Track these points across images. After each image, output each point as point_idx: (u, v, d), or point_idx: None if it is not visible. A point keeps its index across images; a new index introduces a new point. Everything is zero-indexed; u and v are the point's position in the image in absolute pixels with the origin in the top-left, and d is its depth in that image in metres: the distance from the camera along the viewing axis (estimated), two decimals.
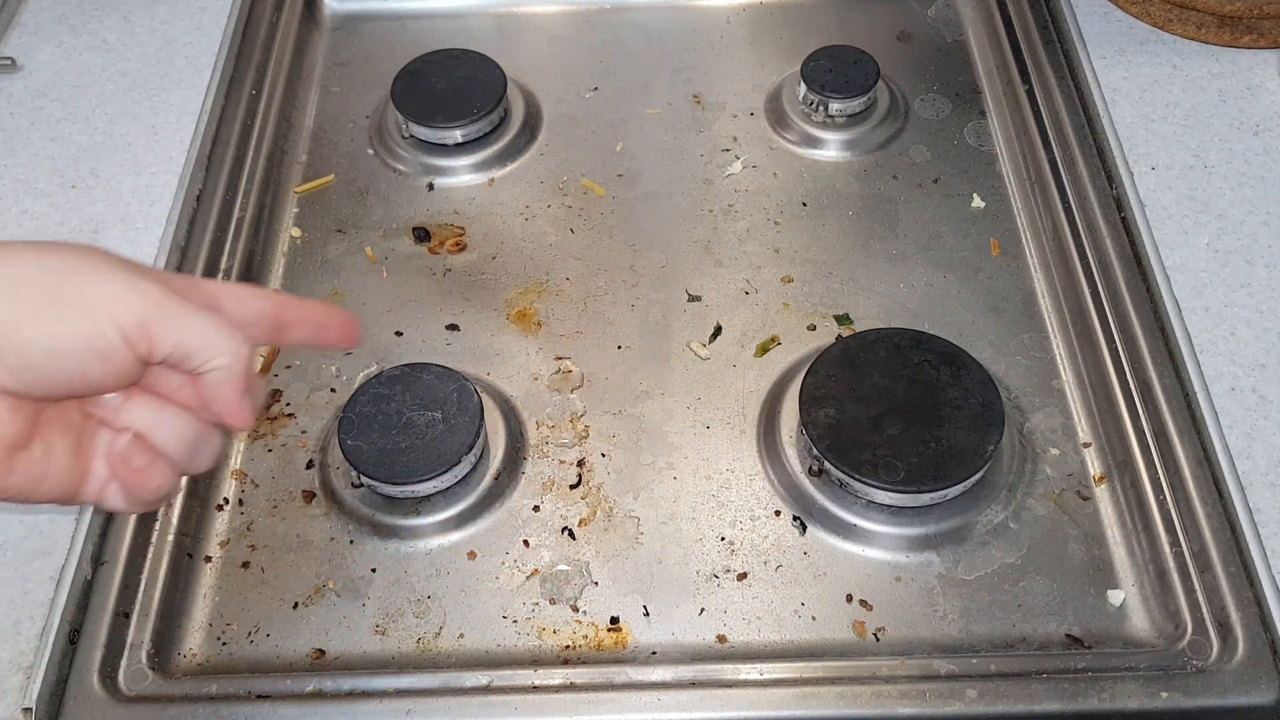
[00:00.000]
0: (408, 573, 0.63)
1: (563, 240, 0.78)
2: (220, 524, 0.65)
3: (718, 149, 0.84)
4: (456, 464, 0.63)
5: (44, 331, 0.37)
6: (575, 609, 0.61)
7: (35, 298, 0.37)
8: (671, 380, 0.71)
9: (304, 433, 0.69)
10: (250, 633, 0.61)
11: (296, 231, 0.79)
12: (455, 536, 0.64)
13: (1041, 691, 0.56)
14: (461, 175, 0.83)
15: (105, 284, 0.38)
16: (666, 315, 0.74)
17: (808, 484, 0.64)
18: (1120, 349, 0.68)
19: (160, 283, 0.40)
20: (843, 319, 0.73)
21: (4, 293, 0.37)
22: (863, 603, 0.61)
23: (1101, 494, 0.65)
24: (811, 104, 0.83)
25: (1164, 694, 0.55)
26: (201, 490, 0.66)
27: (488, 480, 0.66)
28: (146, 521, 0.63)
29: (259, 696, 0.57)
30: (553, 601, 0.62)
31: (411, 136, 0.83)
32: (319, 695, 0.57)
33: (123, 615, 0.60)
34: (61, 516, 0.62)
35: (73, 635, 0.58)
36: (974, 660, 0.58)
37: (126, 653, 0.59)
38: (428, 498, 0.64)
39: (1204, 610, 0.58)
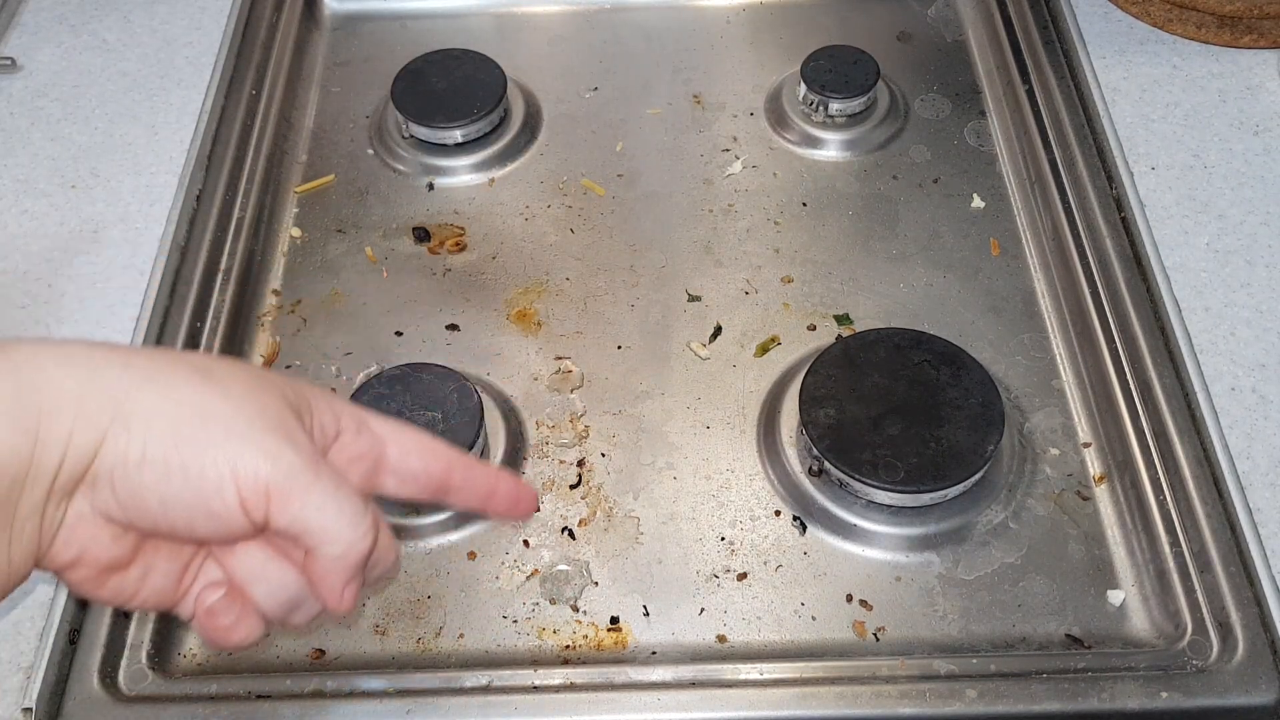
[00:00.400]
0: (408, 573, 0.63)
1: (563, 240, 0.78)
2: None
3: (718, 149, 0.84)
4: None
5: (162, 479, 0.35)
6: (575, 609, 0.61)
7: (165, 437, 0.35)
8: (671, 380, 0.71)
9: None
10: None
11: (296, 231, 0.79)
12: (455, 536, 0.64)
13: (1041, 691, 0.56)
14: (461, 175, 0.83)
15: (240, 444, 0.36)
16: (666, 315, 0.74)
17: (808, 484, 0.64)
18: (1120, 349, 0.68)
19: (301, 451, 0.37)
20: (843, 319, 0.73)
21: (143, 422, 0.35)
22: (863, 603, 0.61)
23: (1101, 494, 0.65)
24: (811, 104, 0.83)
25: (1164, 694, 0.55)
26: None
27: None
28: None
29: (259, 696, 0.57)
30: (553, 601, 0.62)
31: (411, 136, 0.83)
32: (319, 695, 0.57)
33: (122, 615, 0.60)
34: None
35: (73, 635, 0.58)
36: (974, 660, 0.58)
37: (126, 653, 0.59)
38: None
39: (1204, 610, 0.58)
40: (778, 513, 0.65)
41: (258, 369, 0.39)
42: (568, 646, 0.60)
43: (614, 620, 0.61)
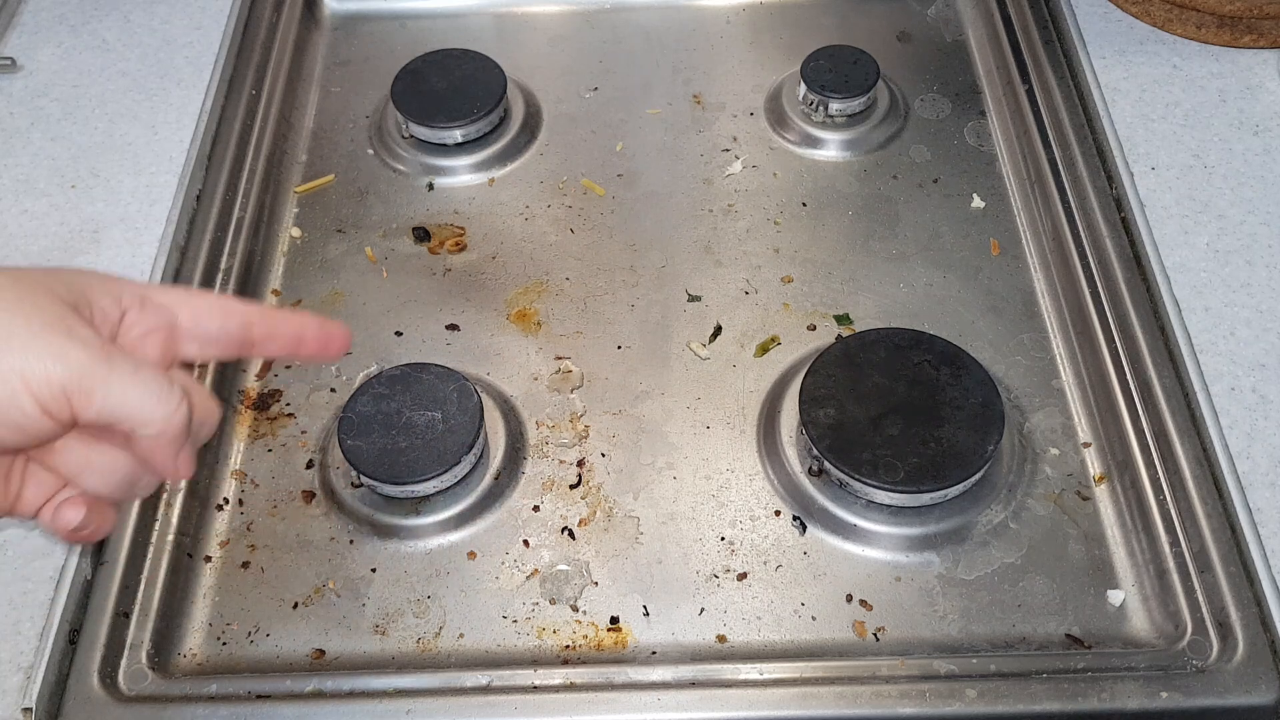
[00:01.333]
0: (408, 573, 0.63)
1: (563, 240, 0.78)
2: (220, 524, 0.65)
3: (718, 149, 0.84)
4: (456, 464, 0.63)
5: None
6: (575, 609, 0.61)
7: None
8: (671, 380, 0.71)
9: (304, 433, 0.69)
10: (250, 633, 0.61)
11: (296, 231, 0.79)
12: (455, 536, 0.64)
13: (1041, 691, 0.56)
14: (461, 175, 0.83)
15: (22, 352, 0.35)
16: (666, 315, 0.74)
17: (808, 484, 0.64)
18: (1120, 349, 0.68)
19: (88, 343, 0.36)
20: (843, 319, 0.73)
21: None
22: (862, 603, 0.61)
23: (1101, 494, 0.65)
24: (811, 104, 0.83)
25: (1164, 694, 0.55)
26: (201, 490, 0.66)
27: (487, 480, 0.66)
28: (146, 521, 0.63)
29: (259, 696, 0.57)
30: (553, 601, 0.62)
31: (411, 136, 0.83)
32: (319, 695, 0.57)
33: (122, 615, 0.60)
34: None
35: (73, 635, 0.58)
36: (974, 660, 0.58)
37: (126, 653, 0.59)
38: (428, 498, 0.64)
39: (1204, 610, 0.58)
40: (778, 513, 0.65)
41: (20, 270, 0.38)
42: (568, 646, 0.60)
43: (614, 620, 0.61)
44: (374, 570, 0.63)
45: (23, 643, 0.57)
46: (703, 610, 0.61)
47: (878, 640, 0.60)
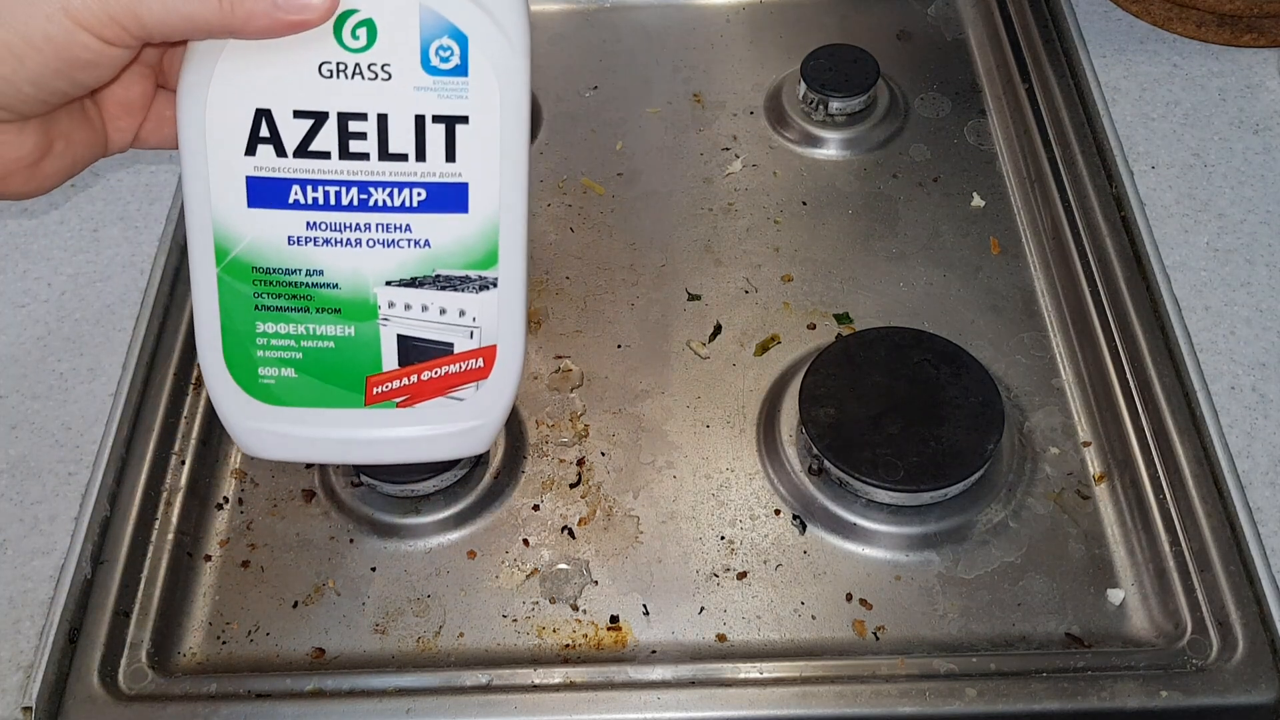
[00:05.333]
0: (407, 572, 0.63)
1: (562, 239, 0.78)
2: (220, 523, 0.65)
3: (718, 148, 0.84)
4: (456, 463, 0.63)
5: (15, 66, 0.34)
6: (575, 608, 0.61)
7: None
8: (671, 379, 0.71)
9: None
10: (250, 632, 0.61)
11: None
12: (455, 535, 0.64)
13: (1041, 690, 0.56)
14: None
15: None
16: (666, 314, 0.74)
17: (808, 483, 0.64)
18: (1120, 348, 0.68)
19: None
20: (842, 318, 0.73)
21: None
22: (862, 602, 0.61)
23: (1101, 493, 0.65)
24: (811, 103, 0.83)
25: (1164, 693, 0.55)
26: (201, 489, 0.66)
27: (487, 479, 0.66)
28: (146, 520, 0.63)
29: (259, 695, 0.57)
30: (552, 600, 0.62)
31: None
32: (319, 694, 0.57)
33: (122, 614, 0.60)
34: (62, 515, 0.62)
35: (72, 634, 0.58)
36: (974, 659, 0.58)
37: (126, 652, 0.59)
38: (427, 496, 0.64)
39: (1204, 609, 0.58)
40: (778, 512, 0.65)
41: None
42: (567, 645, 0.60)
43: (614, 619, 0.61)
44: (374, 569, 0.63)
45: (22, 641, 0.57)
46: (703, 609, 0.61)
47: (877, 639, 0.60)
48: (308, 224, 0.42)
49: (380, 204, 0.42)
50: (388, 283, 0.43)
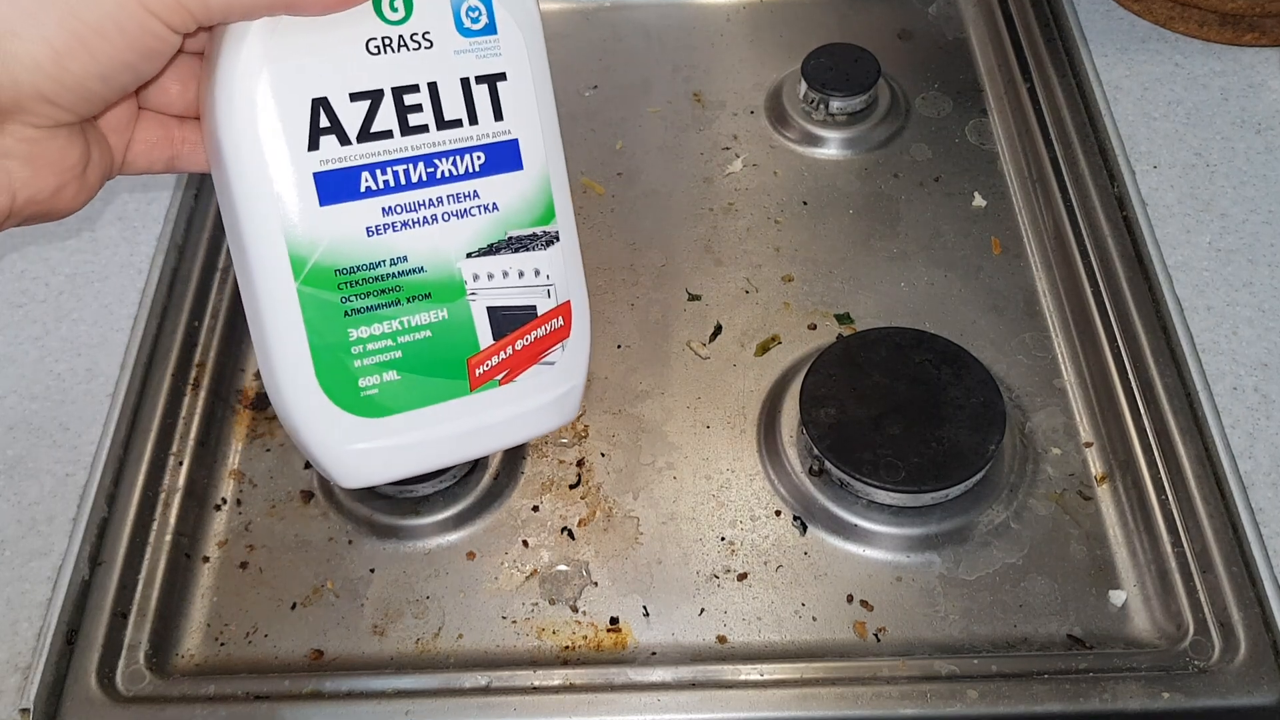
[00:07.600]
0: (406, 573, 0.63)
1: None
2: (218, 524, 0.65)
3: (718, 147, 0.84)
4: (455, 463, 0.63)
5: (88, 59, 0.33)
6: (575, 609, 0.61)
7: (59, 21, 0.32)
8: (671, 380, 0.70)
9: None
10: (248, 633, 0.61)
11: None
12: (454, 536, 0.64)
13: (1043, 692, 0.55)
14: None
15: None
16: (666, 314, 0.74)
17: (808, 484, 0.64)
18: (1122, 348, 0.68)
19: None
20: (843, 318, 0.73)
21: (28, 20, 0.32)
22: (863, 603, 0.61)
23: (1103, 494, 0.65)
24: (812, 102, 0.83)
25: (1166, 694, 0.55)
26: (199, 490, 0.66)
27: (486, 480, 0.65)
28: (144, 522, 0.63)
29: (257, 697, 0.57)
30: (552, 602, 0.61)
31: None
32: (317, 696, 0.57)
33: (120, 616, 0.60)
34: (60, 516, 0.62)
35: (70, 636, 0.58)
36: (975, 661, 0.57)
37: (124, 653, 0.59)
38: (426, 498, 0.64)
39: (1206, 610, 0.58)
40: (778, 513, 0.64)
41: None
42: (567, 647, 0.60)
43: (614, 621, 0.61)
44: (373, 570, 0.63)
45: (20, 643, 0.57)
46: (703, 611, 0.61)
47: (879, 641, 0.60)
48: (383, 210, 0.40)
49: (446, 174, 0.41)
50: (468, 255, 0.42)
